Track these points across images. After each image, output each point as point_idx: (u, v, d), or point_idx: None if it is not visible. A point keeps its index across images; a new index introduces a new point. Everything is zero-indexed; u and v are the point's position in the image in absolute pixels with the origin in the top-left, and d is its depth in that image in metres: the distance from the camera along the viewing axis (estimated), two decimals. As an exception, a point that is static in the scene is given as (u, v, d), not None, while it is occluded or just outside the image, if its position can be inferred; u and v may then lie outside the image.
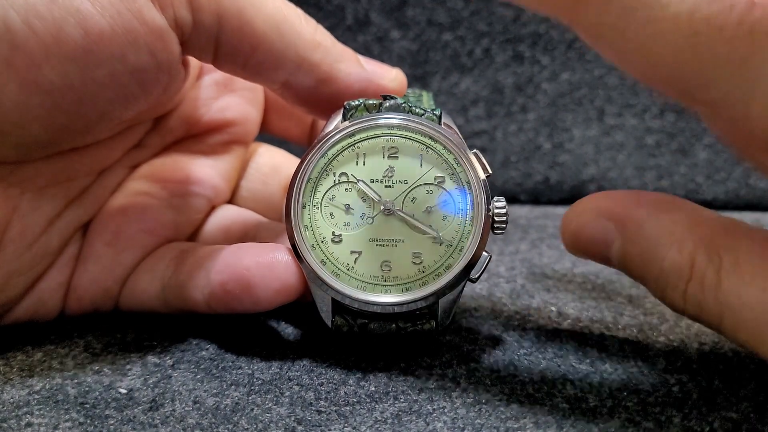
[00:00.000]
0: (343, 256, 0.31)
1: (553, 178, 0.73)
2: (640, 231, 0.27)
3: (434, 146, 0.31)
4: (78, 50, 0.27)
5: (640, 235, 0.27)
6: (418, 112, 0.32)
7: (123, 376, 0.31)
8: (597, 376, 0.30)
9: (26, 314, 0.34)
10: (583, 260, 0.48)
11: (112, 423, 0.27)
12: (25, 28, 0.26)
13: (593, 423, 0.26)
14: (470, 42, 0.72)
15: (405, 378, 0.30)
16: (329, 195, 0.31)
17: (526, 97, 0.73)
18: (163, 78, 0.31)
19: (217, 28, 0.30)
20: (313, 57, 0.32)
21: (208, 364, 0.32)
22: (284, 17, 0.31)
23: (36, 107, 0.28)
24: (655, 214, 0.27)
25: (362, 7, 0.71)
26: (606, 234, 0.29)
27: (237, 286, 0.31)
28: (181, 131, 0.38)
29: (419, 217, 0.31)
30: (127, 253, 0.35)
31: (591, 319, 0.37)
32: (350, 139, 0.31)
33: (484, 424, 0.27)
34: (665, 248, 0.26)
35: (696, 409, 0.28)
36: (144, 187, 0.37)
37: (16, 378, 0.30)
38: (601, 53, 0.26)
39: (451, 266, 0.31)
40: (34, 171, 0.32)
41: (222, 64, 0.32)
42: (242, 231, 0.39)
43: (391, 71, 0.35)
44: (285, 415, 0.27)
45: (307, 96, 0.33)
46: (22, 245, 0.32)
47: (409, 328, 0.31)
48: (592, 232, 0.29)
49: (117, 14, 0.27)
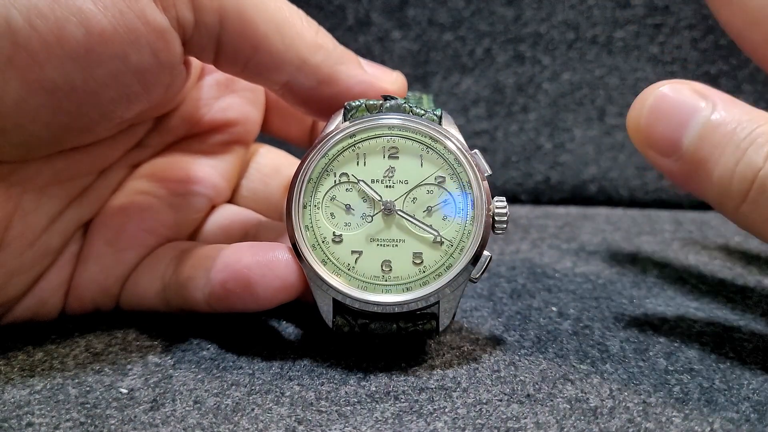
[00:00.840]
0: (343, 256, 0.31)
1: (554, 178, 0.73)
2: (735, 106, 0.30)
3: (435, 146, 0.31)
4: (80, 49, 0.27)
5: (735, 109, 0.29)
6: (418, 112, 0.32)
7: (124, 375, 0.31)
8: (597, 377, 0.30)
9: (27, 313, 0.34)
10: (584, 261, 0.49)
11: (113, 423, 0.27)
12: (27, 27, 0.26)
13: (594, 423, 0.26)
14: (471, 42, 0.72)
15: (406, 378, 0.30)
16: (330, 195, 0.31)
17: (527, 97, 0.73)
18: (165, 78, 0.31)
19: (218, 29, 0.30)
20: (314, 59, 0.32)
21: (209, 364, 0.32)
22: (285, 18, 0.31)
23: (38, 106, 0.28)
24: (751, 108, 0.30)
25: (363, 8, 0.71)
26: (697, 103, 0.30)
27: (237, 285, 0.31)
28: (182, 131, 0.38)
29: (420, 217, 0.31)
30: (128, 252, 0.35)
31: (591, 319, 0.37)
32: (351, 140, 0.31)
33: (484, 424, 0.27)
34: (762, 120, 0.29)
35: (697, 409, 0.28)
36: (145, 187, 0.37)
37: (17, 378, 0.30)
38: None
39: (452, 266, 0.31)
40: (36, 170, 0.32)
41: (223, 64, 0.32)
42: (243, 230, 0.39)
43: (391, 74, 0.35)
44: (286, 415, 0.27)
45: (307, 97, 0.33)
46: (23, 244, 0.32)
47: (410, 328, 0.31)
48: (684, 98, 0.30)
49: (119, 14, 0.27)
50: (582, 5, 0.71)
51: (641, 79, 0.69)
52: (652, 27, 0.70)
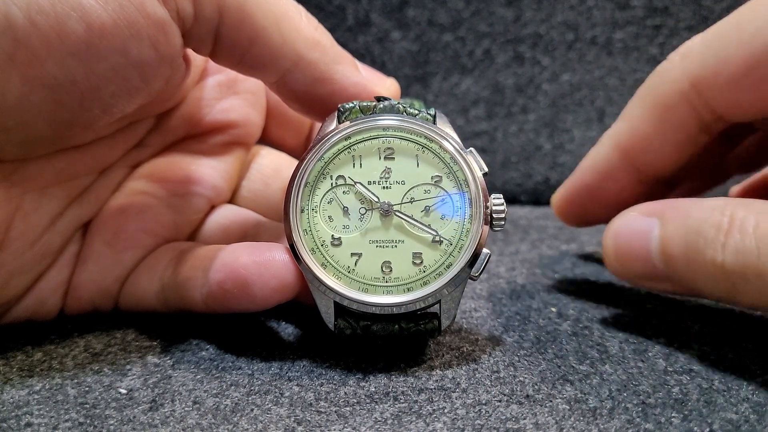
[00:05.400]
0: (343, 259, 0.31)
1: (554, 178, 0.73)
2: (681, 211, 0.30)
3: (430, 146, 0.31)
4: (80, 45, 0.27)
5: (679, 213, 0.30)
6: (412, 112, 0.32)
7: (123, 376, 0.31)
8: (597, 377, 0.30)
9: (26, 313, 0.34)
10: (584, 261, 0.49)
11: (112, 423, 0.27)
12: (27, 24, 0.26)
13: (593, 424, 0.26)
14: (471, 43, 0.72)
15: (405, 379, 0.30)
16: (327, 198, 0.31)
17: (526, 97, 0.73)
18: (165, 71, 0.31)
19: (217, 21, 0.30)
20: (310, 55, 0.32)
21: (208, 365, 0.32)
22: (285, 12, 0.31)
23: (39, 103, 0.28)
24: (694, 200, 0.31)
25: (363, 8, 0.71)
26: (648, 225, 0.31)
27: (234, 285, 0.31)
28: (182, 131, 0.38)
29: (418, 217, 0.31)
30: (127, 252, 0.35)
31: (591, 320, 0.37)
32: (346, 142, 0.31)
33: (484, 425, 0.27)
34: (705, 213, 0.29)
35: (696, 410, 0.28)
36: (144, 187, 0.37)
37: (15, 378, 0.30)
38: None
39: (452, 265, 0.31)
40: (37, 170, 0.32)
41: (219, 57, 0.32)
42: (242, 231, 0.39)
43: (386, 80, 0.35)
44: (285, 416, 0.27)
45: (302, 94, 0.33)
46: (24, 245, 0.32)
47: (411, 328, 0.31)
48: (634, 226, 0.32)
49: (119, 7, 0.27)
50: (581, 6, 0.71)
51: (640, 80, 0.69)
52: (652, 28, 0.70)
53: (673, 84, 0.34)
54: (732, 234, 0.28)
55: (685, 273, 0.30)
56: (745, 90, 0.32)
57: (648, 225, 0.32)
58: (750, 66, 0.31)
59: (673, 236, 0.30)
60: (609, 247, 0.34)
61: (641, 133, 0.36)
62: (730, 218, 0.28)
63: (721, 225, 0.28)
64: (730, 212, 0.28)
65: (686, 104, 0.34)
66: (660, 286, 0.33)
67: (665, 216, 0.31)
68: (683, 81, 0.34)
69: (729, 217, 0.28)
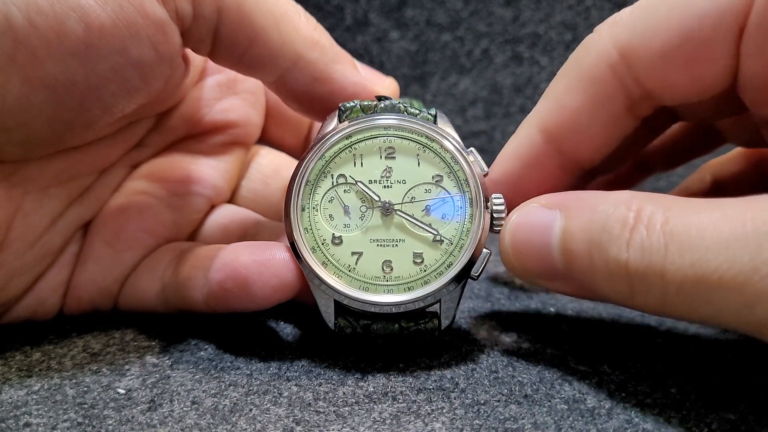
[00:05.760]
0: (344, 258, 0.31)
1: (552, 178, 0.73)
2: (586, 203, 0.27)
3: (431, 145, 0.31)
4: (80, 45, 0.27)
5: (584, 206, 0.27)
6: (413, 112, 0.32)
7: (121, 376, 0.30)
8: (595, 377, 0.30)
9: (25, 313, 0.34)
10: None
11: (111, 423, 0.27)
12: (27, 24, 0.26)
13: (592, 424, 0.27)
14: (469, 42, 0.72)
15: (404, 378, 0.30)
16: (328, 197, 0.31)
17: (524, 97, 0.73)
18: (165, 70, 0.31)
19: (216, 20, 0.30)
20: (309, 54, 0.32)
21: (207, 365, 0.32)
22: (284, 12, 0.31)
23: (40, 103, 0.28)
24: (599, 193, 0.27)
25: (361, 8, 0.71)
26: (549, 219, 0.28)
27: (235, 285, 0.31)
28: (182, 131, 0.38)
29: (419, 216, 0.31)
30: (127, 252, 0.35)
31: (589, 320, 0.37)
32: (347, 141, 0.31)
33: (482, 425, 0.27)
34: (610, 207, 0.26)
35: (694, 410, 0.28)
36: (144, 187, 0.37)
37: (14, 378, 0.30)
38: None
39: (452, 264, 0.31)
40: (37, 170, 0.32)
41: (219, 56, 0.32)
42: (242, 230, 0.39)
43: (385, 80, 0.35)
44: (283, 416, 0.27)
45: (301, 94, 0.33)
46: (24, 245, 0.32)
47: (411, 327, 0.31)
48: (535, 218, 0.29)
49: (118, 8, 0.27)
50: (580, 6, 0.71)
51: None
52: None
53: (601, 54, 0.31)
54: (638, 230, 0.25)
55: (585, 272, 0.27)
56: (676, 65, 0.29)
57: (550, 218, 0.28)
58: (684, 36, 0.29)
59: (577, 231, 0.27)
60: (506, 242, 0.30)
61: (566, 110, 0.32)
62: (636, 213, 0.25)
63: (627, 220, 0.25)
64: (637, 206, 0.25)
65: (614, 77, 0.31)
66: (556, 287, 0.30)
67: (569, 208, 0.28)
68: (611, 50, 0.31)
69: (635, 212, 0.25)
